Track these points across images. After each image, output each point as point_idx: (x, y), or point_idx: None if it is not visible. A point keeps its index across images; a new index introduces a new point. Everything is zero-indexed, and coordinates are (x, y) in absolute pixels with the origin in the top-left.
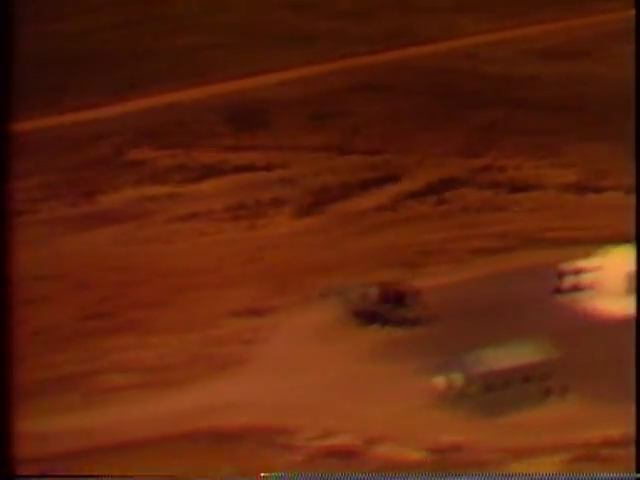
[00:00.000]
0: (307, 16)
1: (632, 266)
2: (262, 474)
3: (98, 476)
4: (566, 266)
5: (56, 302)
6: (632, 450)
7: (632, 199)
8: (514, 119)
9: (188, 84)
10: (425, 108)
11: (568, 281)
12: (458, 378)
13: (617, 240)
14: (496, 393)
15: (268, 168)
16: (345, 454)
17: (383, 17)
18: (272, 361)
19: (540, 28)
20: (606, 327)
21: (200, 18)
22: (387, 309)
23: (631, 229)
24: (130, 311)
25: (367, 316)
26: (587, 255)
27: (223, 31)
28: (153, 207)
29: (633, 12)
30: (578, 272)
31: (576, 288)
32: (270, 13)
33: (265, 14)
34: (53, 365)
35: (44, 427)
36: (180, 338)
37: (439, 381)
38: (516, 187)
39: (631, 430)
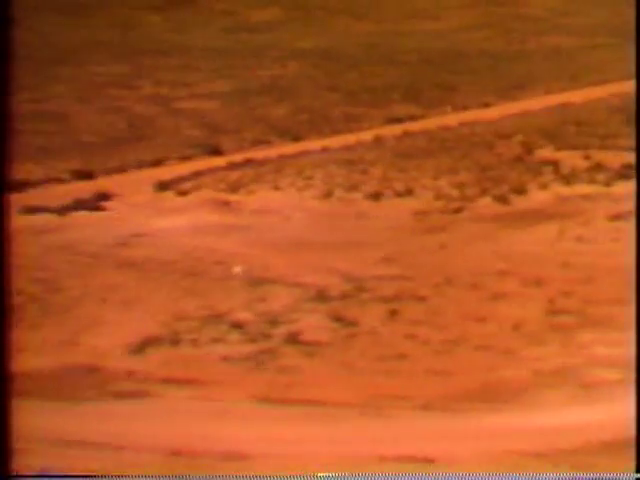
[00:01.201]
0: None
1: None
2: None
3: (98, 476)
4: None
5: (519, 297)
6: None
7: None
8: None
9: (572, 85)
10: None
11: None
12: None
13: None
14: None
15: None
16: None
17: None
18: None
19: None
20: None
21: (557, 20)
22: None
23: None
24: (591, 307)
25: None
26: None
27: (587, 32)
28: (586, 205)
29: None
30: None
31: None
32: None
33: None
34: (537, 359)
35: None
36: None
37: None
38: None
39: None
